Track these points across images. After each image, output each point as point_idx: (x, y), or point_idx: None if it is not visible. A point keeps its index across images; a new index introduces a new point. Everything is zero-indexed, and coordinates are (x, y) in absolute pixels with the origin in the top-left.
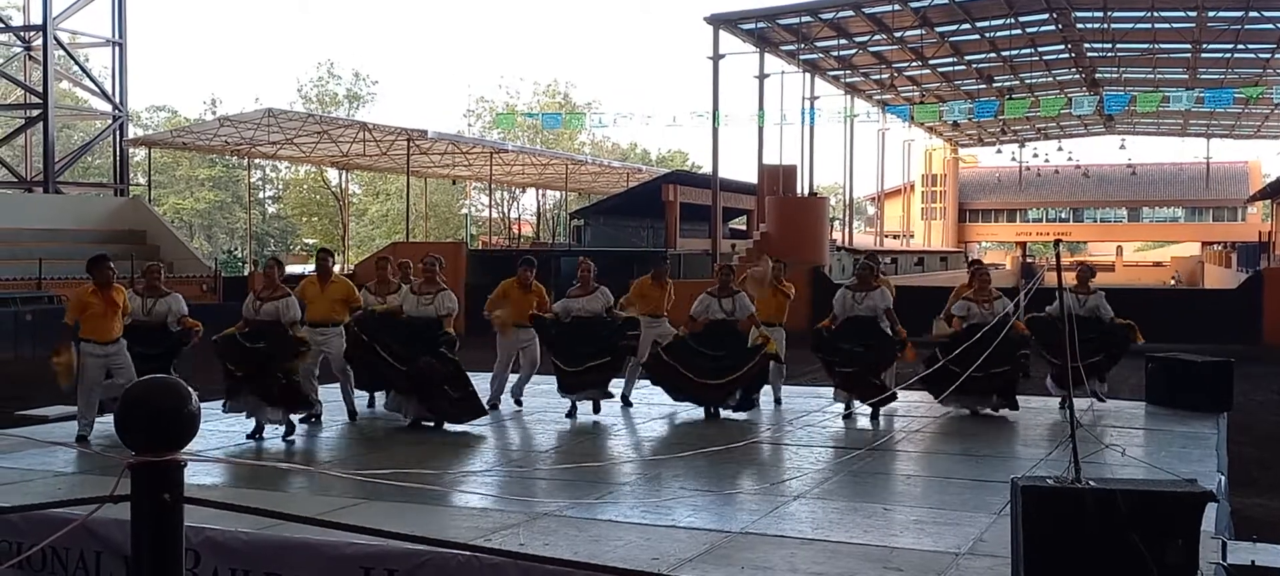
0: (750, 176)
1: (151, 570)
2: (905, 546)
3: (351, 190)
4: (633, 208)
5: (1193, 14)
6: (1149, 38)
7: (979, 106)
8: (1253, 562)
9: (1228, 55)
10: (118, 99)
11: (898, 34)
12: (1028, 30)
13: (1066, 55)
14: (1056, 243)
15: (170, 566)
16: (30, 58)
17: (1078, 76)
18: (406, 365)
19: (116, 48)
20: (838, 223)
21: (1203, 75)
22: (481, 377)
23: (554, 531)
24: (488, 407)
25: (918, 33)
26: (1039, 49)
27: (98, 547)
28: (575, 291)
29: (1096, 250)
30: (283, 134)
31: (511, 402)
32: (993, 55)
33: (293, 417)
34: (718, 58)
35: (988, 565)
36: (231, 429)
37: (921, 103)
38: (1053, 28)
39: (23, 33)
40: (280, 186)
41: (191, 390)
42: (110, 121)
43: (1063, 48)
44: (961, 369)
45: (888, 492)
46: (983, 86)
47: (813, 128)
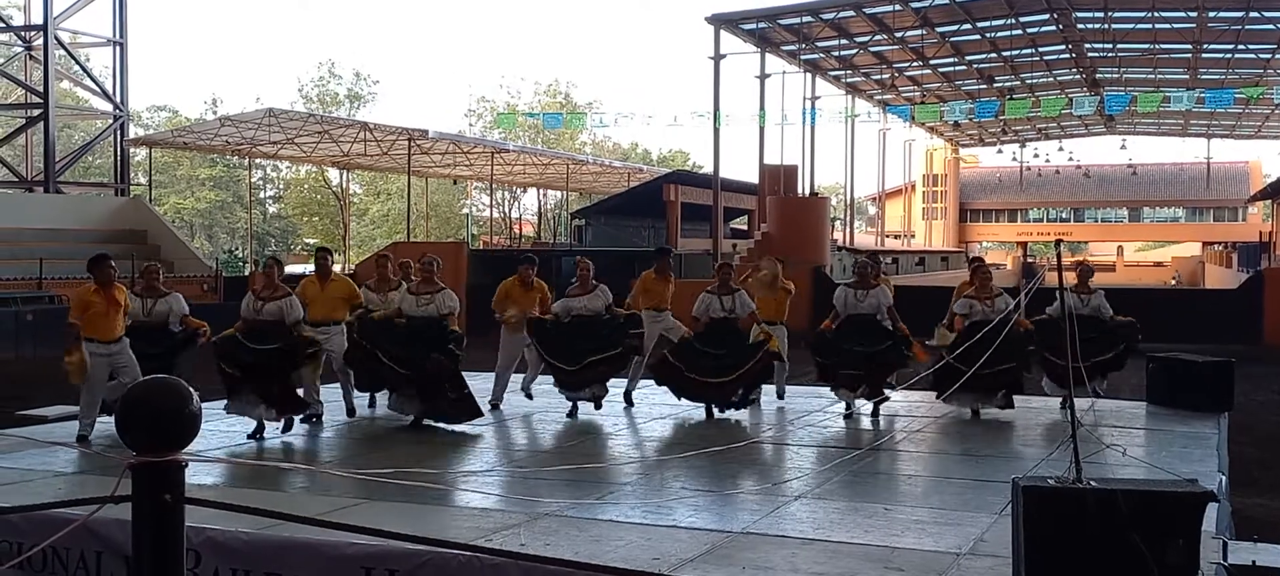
0: (751, 176)
1: (152, 570)
2: (906, 546)
3: (352, 190)
4: (634, 207)
5: (1193, 14)
6: (1149, 38)
7: (980, 106)
8: (1253, 563)
9: (1228, 55)
10: (118, 99)
11: (898, 34)
12: (1028, 30)
13: (1067, 55)
14: (1057, 243)
15: (171, 566)
16: (31, 57)
17: (1078, 77)
18: (409, 367)
19: (117, 47)
20: (839, 223)
21: (1203, 75)
22: (481, 378)
23: (555, 531)
24: (490, 406)
25: (918, 33)
26: (1040, 49)
27: (99, 548)
28: (575, 290)
29: (1097, 250)
30: (283, 134)
31: (523, 397)
32: (993, 55)
33: (293, 418)
34: (719, 58)
35: (989, 565)
36: (232, 429)
37: (922, 103)
38: (1053, 28)
39: (23, 32)
40: (281, 186)
41: (192, 390)
42: (111, 121)
43: (1063, 48)
44: (967, 366)
45: (889, 492)
46: (983, 86)
47: (814, 128)
